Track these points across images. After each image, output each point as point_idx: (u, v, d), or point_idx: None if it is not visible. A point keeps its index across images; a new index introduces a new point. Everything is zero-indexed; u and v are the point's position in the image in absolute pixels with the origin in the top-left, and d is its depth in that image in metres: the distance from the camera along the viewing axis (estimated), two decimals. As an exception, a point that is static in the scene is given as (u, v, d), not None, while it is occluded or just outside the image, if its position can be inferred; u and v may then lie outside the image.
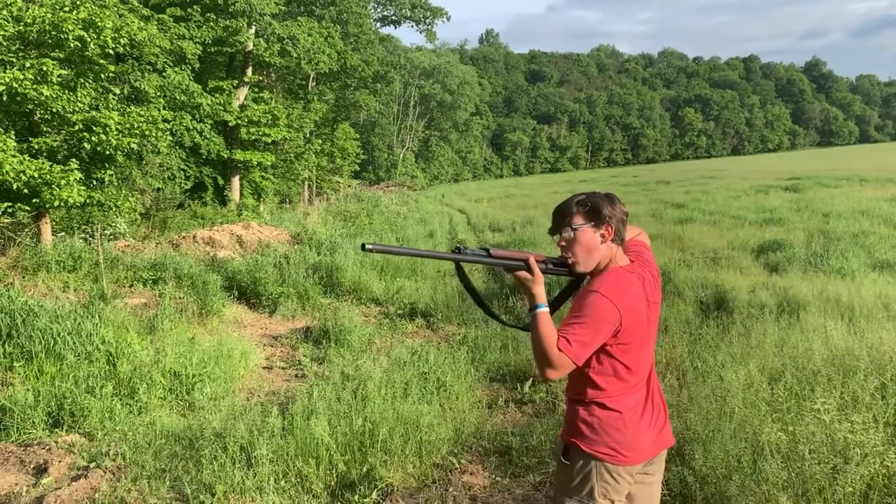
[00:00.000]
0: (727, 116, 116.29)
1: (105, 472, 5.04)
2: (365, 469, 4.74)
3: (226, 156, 23.97)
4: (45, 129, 12.87)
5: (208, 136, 23.07)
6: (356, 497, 4.45)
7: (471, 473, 4.84)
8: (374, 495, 4.48)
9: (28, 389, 6.25)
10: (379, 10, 39.83)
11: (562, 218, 2.64)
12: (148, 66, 19.12)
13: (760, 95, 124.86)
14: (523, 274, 2.62)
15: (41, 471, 5.17)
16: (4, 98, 11.16)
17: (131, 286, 10.89)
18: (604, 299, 2.49)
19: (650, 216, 21.26)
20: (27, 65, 11.62)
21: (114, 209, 13.40)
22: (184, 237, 15.32)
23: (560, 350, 2.45)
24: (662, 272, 9.98)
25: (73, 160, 12.18)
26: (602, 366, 2.59)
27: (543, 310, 2.54)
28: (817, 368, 5.08)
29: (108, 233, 14.63)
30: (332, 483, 4.68)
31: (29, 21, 11.83)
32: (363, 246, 2.51)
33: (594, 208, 2.60)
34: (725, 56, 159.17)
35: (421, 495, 4.55)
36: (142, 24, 14.26)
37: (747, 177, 43.10)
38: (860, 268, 10.45)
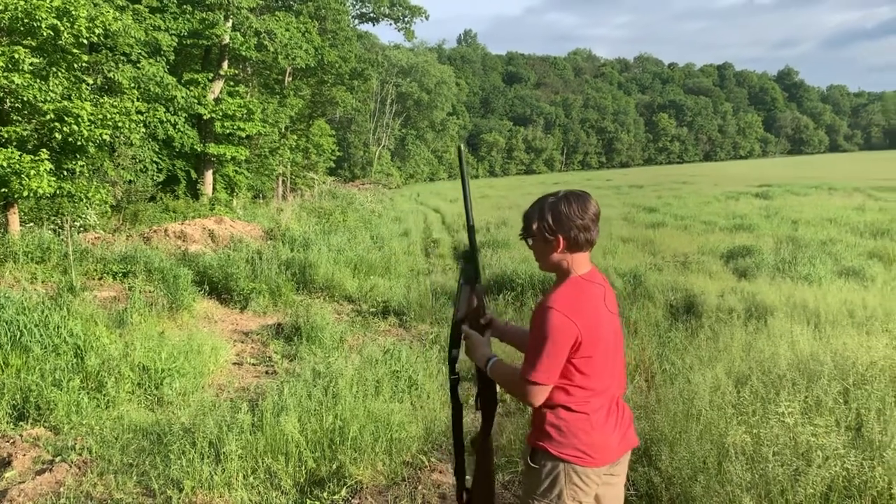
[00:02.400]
0: (700, 123, 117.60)
1: (70, 466, 4.99)
2: (334, 466, 4.74)
3: (199, 149, 23.74)
4: (15, 117, 12.67)
5: (182, 128, 22.84)
6: (325, 494, 4.45)
7: (440, 472, 4.86)
8: (343, 492, 4.48)
9: (-7, 381, 6.16)
10: (357, 6, 39.67)
11: (525, 222, 2.70)
12: (122, 57, 18.87)
13: (733, 103, 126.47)
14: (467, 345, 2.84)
15: (5, 464, 5.10)
16: (-26, 85, 10.98)
17: (101, 279, 10.76)
18: (559, 316, 2.50)
19: (623, 219, 21.42)
20: (-2, 52, 11.44)
21: (84, 201, 13.22)
22: (155, 230, 15.17)
23: (530, 381, 2.54)
24: (633, 275, 10.10)
25: (44, 150, 12.00)
26: (567, 374, 2.59)
27: (493, 362, 2.73)
28: (783, 373, 5.17)
29: (78, 224, 14.44)
30: (301, 480, 4.68)
31: (0, 8, 11.64)
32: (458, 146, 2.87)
33: (552, 217, 2.60)
34: (700, 63, 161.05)
35: (390, 493, 4.56)
36: (117, 14, 14.09)
37: (719, 183, 43.62)
38: (827, 275, 10.63)
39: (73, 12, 11.94)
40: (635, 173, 73.20)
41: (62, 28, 11.85)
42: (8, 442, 5.42)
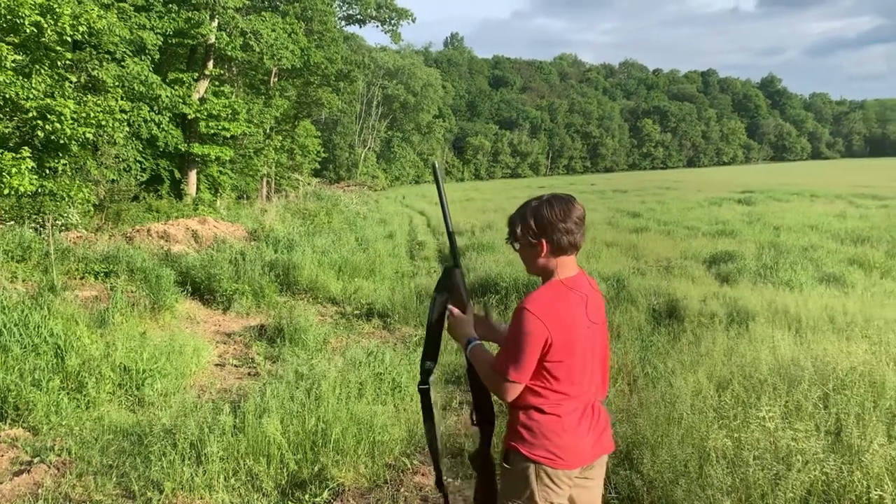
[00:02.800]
0: (684, 129, 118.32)
1: (49, 467, 4.95)
2: (316, 468, 4.72)
3: (183, 149, 23.62)
4: (-4, 114, 12.56)
5: (166, 128, 22.70)
6: (307, 496, 4.44)
7: (423, 474, 4.85)
8: (324, 495, 4.47)
9: (-29, 381, 6.09)
10: (344, 8, 39.65)
11: (510, 227, 2.72)
12: (106, 55, 18.74)
13: (717, 109, 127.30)
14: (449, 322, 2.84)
15: (-18, 465, 5.04)
16: (-45, 81, 10.87)
17: (82, 278, 10.67)
18: (531, 317, 2.54)
19: (607, 224, 21.51)
20: (-21, 48, 11.33)
21: (66, 199, 13.12)
22: (138, 230, 15.06)
23: (502, 377, 2.58)
24: (617, 279, 10.14)
25: (26, 148, 11.90)
26: (539, 377, 2.61)
27: (474, 344, 2.75)
28: (764, 377, 5.21)
29: (60, 223, 14.29)
30: (283, 482, 4.66)
31: (-17, 4, 11.54)
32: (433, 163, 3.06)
33: (536, 222, 2.63)
34: (685, 69, 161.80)
35: (372, 495, 4.55)
36: (101, 12, 13.99)
37: (702, 189, 43.88)
38: (808, 281, 10.72)
39: (57, 9, 11.85)
40: (619, 178, 73.53)
41: (46, 25, 11.76)
42: (-15, 442, 5.36)
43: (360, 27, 42.09)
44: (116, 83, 17.65)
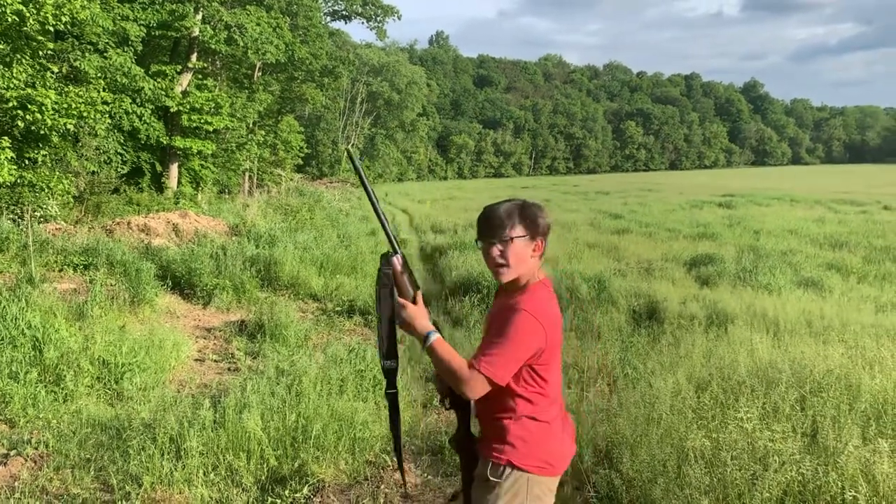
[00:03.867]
0: (667, 131, 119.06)
1: (26, 460, 4.90)
2: (297, 464, 4.71)
3: (165, 142, 23.42)
4: (-25, 104, 12.41)
5: (148, 120, 22.51)
6: (287, 492, 4.43)
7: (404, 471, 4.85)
8: (304, 490, 4.46)
9: (-54, 373, 6.02)
10: (330, 4, 39.53)
11: (499, 223, 2.56)
12: (89, 46, 18.55)
13: (700, 113, 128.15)
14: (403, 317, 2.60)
15: (-42, 457, 4.99)
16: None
17: (61, 271, 10.57)
18: (532, 319, 2.47)
19: (589, 225, 21.61)
20: (-41, 36, 11.20)
21: (46, 191, 12.99)
22: (118, 223, 14.94)
23: (480, 371, 2.45)
24: (598, 280, 10.20)
25: (5, 138, 11.78)
26: (529, 381, 2.55)
27: (434, 337, 2.55)
28: (742, 379, 5.26)
29: (39, 215, 14.14)
30: (263, 477, 4.65)
31: (-36, -9, 11.39)
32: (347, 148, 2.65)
33: (532, 219, 2.56)
34: (668, 72, 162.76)
35: (352, 491, 4.55)
36: (84, 2, 13.85)
37: (683, 191, 44.19)
38: (786, 284, 10.83)
39: (40, -1, 11.73)
40: (602, 180, 73.88)
41: (28, 14, 11.63)
42: (-39, 435, 5.31)
43: (346, 23, 41.92)
44: (99, 74, 17.46)
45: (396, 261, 2.64)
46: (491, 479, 2.59)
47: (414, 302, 2.61)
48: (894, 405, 4.58)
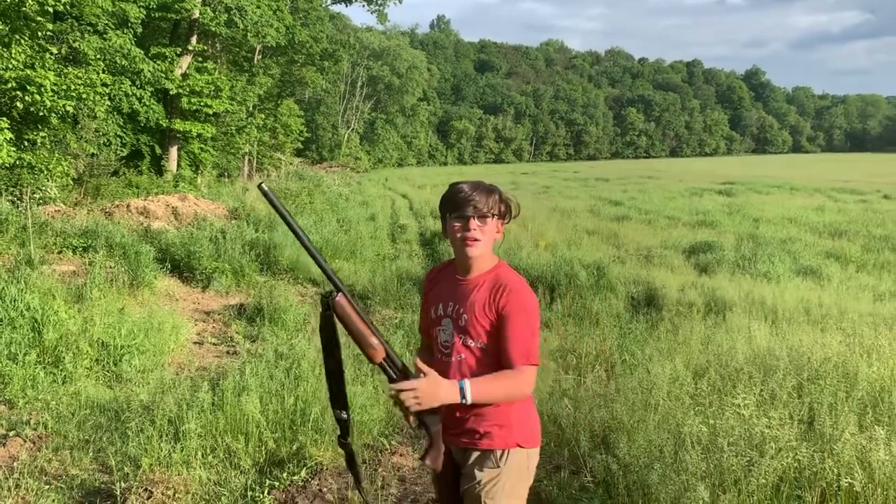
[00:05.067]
0: (668, 118, 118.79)
1: (25, 441, 4.92)
2: (295, 447, 4.73)
3: (165, 125, 23.35)
4: (-27, 84, 12.35)
5: (148, 103, 22.42)
6: (285, 474, 4.45)
7: (400, 455, 4.88)
8: (302, 473, 4.48)
9: (-55, 353, 6.03)
10: (330, -13, 39.26)
11: (484, 200, 2.50)
12: (88, 27, 18.45)
13: (701, 100, 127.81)
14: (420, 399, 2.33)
15: (-43, 437, 5.00)
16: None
17: (60, 253, 10.57)
18: (532, 296, 2.52)
19: (588, 212, 21.62)
20: (-42, 16, 11.13)
21: (45, 172, 12.95)
22: (117, 206, 14.92)
23: (529, 367, 2.42)
24: (597, 267, 10.20)
25: (4, 119, 11.73)
26: None
27: (468, 386, 2.37)
28: (740, 366, 5.28)
29: (38, 197, 14.12)
30: (261, 460, 4.67)
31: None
32: (260, 185, 2.29)
33: (507, 203, 2.58)
34: (670, 59, 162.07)
35: (350, 475, 4.57)
36: (84, -18, 13.78)
37: (683, 179, 44.18)
38: (785, 273, 10.85)
39: (39, -21, 11.65)
40: (602, 166, 73.78)
41: (26, -6, 11.55)
42: (-40, 415, 5.32)
43: (346, 6, 41.75)
44: (98, 56, 17.39)
45: (341, 300, 2.32)
46: (491, 468, 2.51)
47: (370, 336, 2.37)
48: (891, 393, 4.59)
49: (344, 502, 4.21)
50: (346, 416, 2.43)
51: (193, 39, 24.42)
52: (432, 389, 2.32)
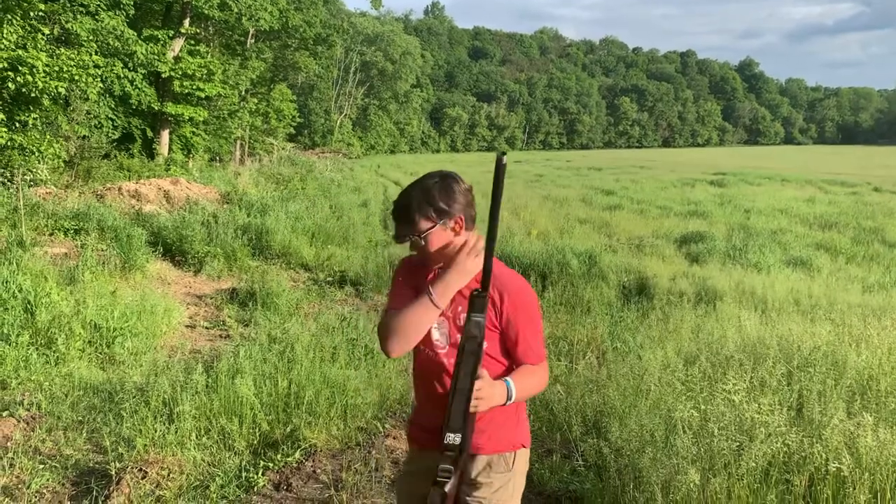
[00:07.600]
0: (661, 108, 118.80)
1: (18, 422, 4.92)
2: (289, 429, 4.76)
3: (157, 108, 23.21)
4: (-36, 64, 12.24)
5: (140, 85, 22.28)
6: (279, 456, 4.48)
7: (394, 438, 4.91)
8: (296, 455, 4.51)
9: (-62, 334, 6.02)
10: (324, -29, 38.99)
11: (405, 225, 2.34)
12: (80, 8, 18.29)
13: (694, 90, 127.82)
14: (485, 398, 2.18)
15: (-50, 417, 5.00)
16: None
17: (52, 235, 10.54)
18: (532, 293, 2.45)
19: (581, 201, 21.65)
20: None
21: (36, 154, 12.87)
22: (109, 188, 14.87)
23: (543, 363, 2.40)
24: (589, 256, 10.24)
25: (-5, 100, 11.65)
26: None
27: (512, 386, 2.26)
28: (730, 354, 5.32)
29: (29, 178, 14.04)
30: (255, 441, 4.70)
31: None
32: (502, 154, 2.12)
33: (437, 207, 2.30)
34: (664, 49, 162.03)
35: (344, 456, 4.60)
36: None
37: (675, 169, 44.23)
38: (775, 263, 10.91)
39: (31, -42, 11.54)
40: (595, 156, 73.77)
41: (18, -26, 11.45)
42: (-47, 395, 5.32)
43: (341, -9, 41.40)
44: (90, 37, 17.24)
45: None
46: (503, 473, 2.41)
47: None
48: (879, 381, 4.65)
49: (338, 483, 4.24)
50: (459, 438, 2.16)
51: (186, 22, 24.24)
52: (491, 391, 2.19)
